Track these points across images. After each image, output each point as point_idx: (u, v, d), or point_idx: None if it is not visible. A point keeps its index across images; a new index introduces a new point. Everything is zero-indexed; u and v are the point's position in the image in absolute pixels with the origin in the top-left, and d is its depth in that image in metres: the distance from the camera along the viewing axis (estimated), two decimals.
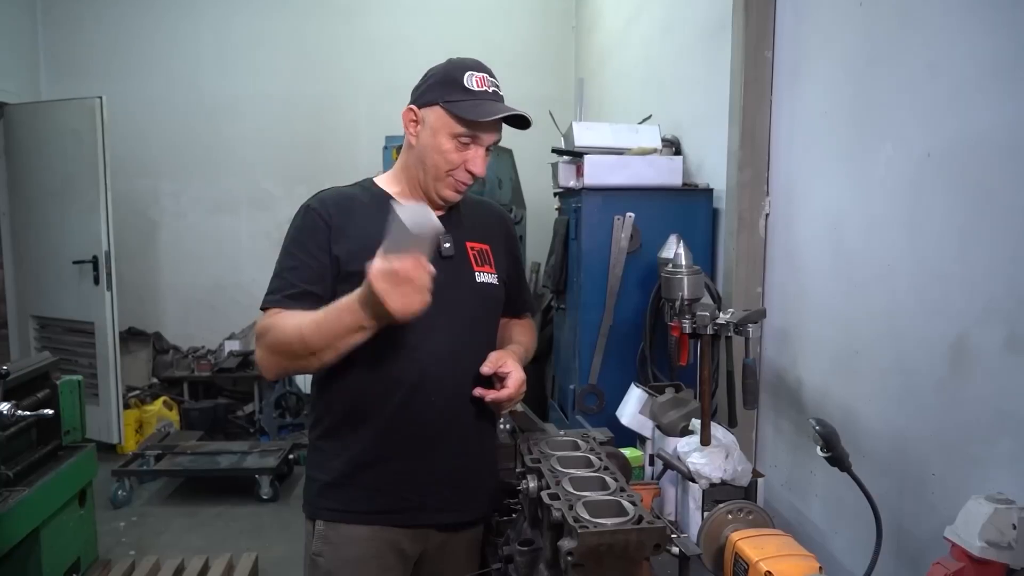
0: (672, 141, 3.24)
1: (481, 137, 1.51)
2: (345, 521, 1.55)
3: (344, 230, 1.52)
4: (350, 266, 1.48)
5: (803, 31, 2.33)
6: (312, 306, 1.44)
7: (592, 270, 2.87)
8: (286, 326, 1.43)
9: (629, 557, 1.20)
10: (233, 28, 5.63)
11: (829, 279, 2.16)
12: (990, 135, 1.53)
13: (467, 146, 1.51)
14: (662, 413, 2.04)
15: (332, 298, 1.44)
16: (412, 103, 1.55)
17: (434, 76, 1.54)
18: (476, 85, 1.50)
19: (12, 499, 2.55)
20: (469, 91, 1.49)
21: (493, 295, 1.64)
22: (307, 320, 1.40)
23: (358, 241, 1.49)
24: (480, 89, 1.50)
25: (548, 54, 5.80)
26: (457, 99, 1.49)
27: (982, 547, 1.23)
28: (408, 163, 1.58)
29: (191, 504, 4.16)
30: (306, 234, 1.52)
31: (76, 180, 4.67)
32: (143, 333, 5.65)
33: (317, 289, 1.48)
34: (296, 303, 1.46)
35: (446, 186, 1.54)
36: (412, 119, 1.54)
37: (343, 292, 1.45)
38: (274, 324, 1.45)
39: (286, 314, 1.45)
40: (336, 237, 1.51)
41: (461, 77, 1.50)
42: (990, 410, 1.52)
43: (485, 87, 1.51)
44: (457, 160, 1.51)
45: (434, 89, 1.51)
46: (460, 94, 1.49)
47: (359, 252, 1.47)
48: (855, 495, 1.50)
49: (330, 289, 1.49)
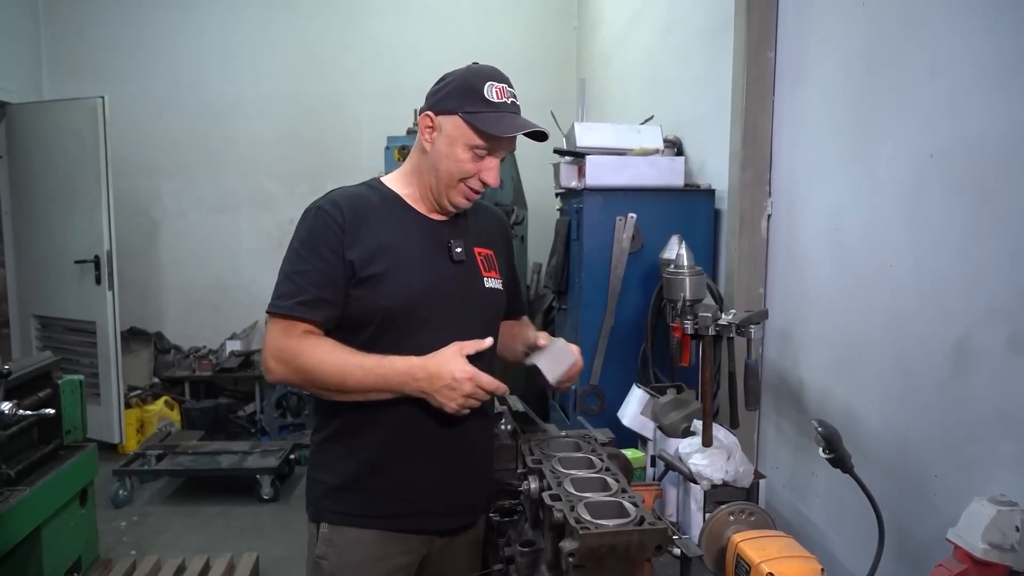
0: (674, 142, 3.24)
1: (498, 150, 1.51)
2: (350, 525, 1.54)
3: (358, 233, 1.49)
4: (365, 270, 1.47)
5: (805, 32, 2.33)
6: (326, 314, 1.45)
7: (593, 271, 2.87)
8: (325, 360, 1.42)
9: (630, 558, 1.20)
10: (235, 28, 5.63)
11: (831, 280, 2.15)
12: (992, 136, 1.52)
13: (483, 158, 1.50)
14: (663, 414, 2.04)
15: (344, 303, 1.46)
16: (429, 109, 1.51)
17: (453, 83, 1.51)
18: (496, 96, 1.48)
19: (13, 498, 2.55)
20: (489, 103, 1.47)
21: (499, 301, 1.64)
22: (351, 364, 1.42)
23: (372, 244, 1.49)
24: (500, 101, 1.48)
25: (550, 54, 5.79)
26: (477, 110, 1.46)
27: (985, 549, 1.23)
28: (421, 168, 1.55)
29: (192, 504, 4.16)
30: (318, 236, 1.48)
31: (78, 180, 4.67)
32: (144, 333, 5.65)
33: (330, 295, 1.46)
34: (310, 311, 1.44)
35: (458, 193, 1.53)
36: (428, 125, 1.51)
37: (356, 296, 1.46)
38: (308, 352, 1.43)
39: (323, 344, 1.44)
40: (350, 241, 1.47)
41: (481, 87, 1.47)
42: (992, 411, 1.52)
43: (505, 98, 1.49)
44: (472, 170, 1.50)
45: (453, 97, 1.49)
46: (480, 105, 1.46)
47: (373, 255, 1.48)
48: (857, 496, 1.50)
49: (341, 295, 1.47)
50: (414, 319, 1.49)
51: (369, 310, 1.48)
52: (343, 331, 1.50)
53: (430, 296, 1.51)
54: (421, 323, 1.50)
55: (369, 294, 1.47)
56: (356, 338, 1.49)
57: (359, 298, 1.48)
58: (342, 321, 1.49)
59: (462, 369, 1.40)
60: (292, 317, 1.45)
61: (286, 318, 1.46)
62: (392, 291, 1.47)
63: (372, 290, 1.47)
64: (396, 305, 1.48)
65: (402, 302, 1.48)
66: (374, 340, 1.49)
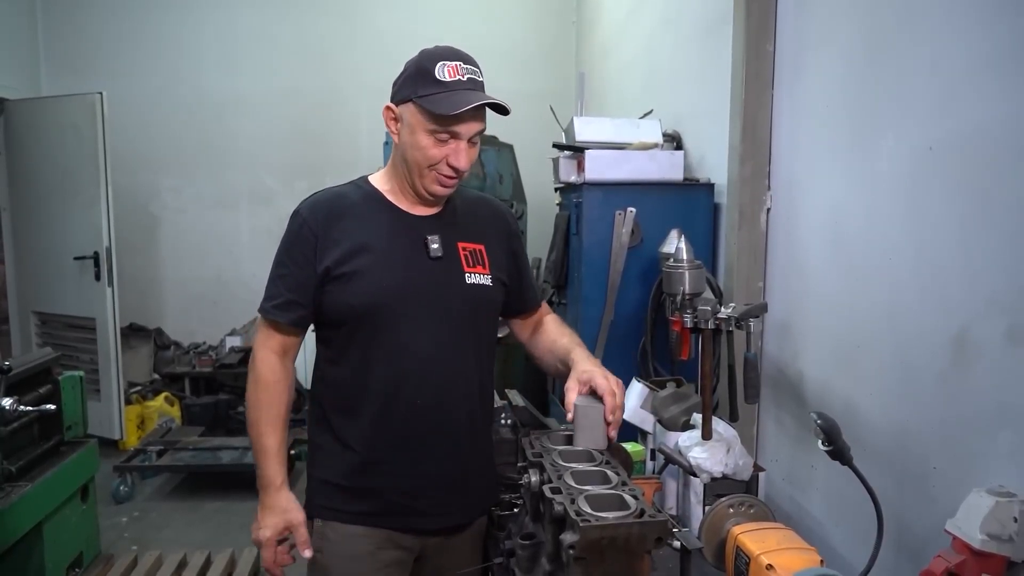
0: (673, 136, 3.24)
1: (458, 130, 1.45)
2: (341, 520, 1.55)
3: (332, 236, 1.51)
4: (339, 268, 1.49)
5: (804, 24, 2.32)
6: (296, 314, 1.54)
7: (593, 265, 2.87)
8: (255, 406, 1.58)
9: (631, 550, 1.20)
10: (235, 23, 5.61)
11: (830, 273, 2.16)
12: (991, 128, 1.52)
13: (446, 141, 1.46)
14: (663, 408, 2.04)
15: (315, 305, 1.53)
16: (391, 100, 1.51)
17: (408, 70, 1.48)
18: (448, 75, 1.42)
19: (15, 494, 2.55)
20: (441, 83, 1.42)
21: (485, 296, 1.60)
22: (254, 430, 1.58)
23: (347, 243, 1.50)
24: (453, 79, 1.42)
25: (549, 49, 5.78)
26: (429, 93, 1.42)
27: (983, 540, 1.24)
28: (395, 161, 1.56)
29: (193, 499, 4.16)
30: (293, 242, 1.54)
31: (77, 176, 4.66)
32: (144, 329, 5.65)
33: (299, 298, 1.52)
34: (283, 313, 1.54)
35: (431, 181, 1.50)
36: (391, 117, 1.51)
37: (330, 294, 1.51)
38: (255, 390, 1.59)
39: (269, 392, 1.58)
40: (323, 246, 1.50)
41: (433, 68, 1.43)
42: (991, 403, 1.52)
43: (458, 76, 1.43)
44: (438, 155, 1.46)
45: (408, 84, 1.46)
46: (432, 87, 1.42)
47: (348, 254, 1.50)
48: (856, 488, 1.50)
49: (311, 298, 1.53)
50: (389, 316, 1.50)
51: (342, 308, 1.51)
52: (324, 327, 1.58)
53: (403, 293, 1.51)
54: (396, 319, 1.50)
55: (342, 292, 1.50)
56: (336, 333, 1.56)
57: (333, 296, 1.51)
58: (320, 318, 1.56)
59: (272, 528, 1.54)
60: (266, 318, 1.56)
61: (265, 320, 1.57)
62: (364, 289, 1.49)
63: (344, 288, 1.50)
64: (368, 302, 1.49)
65: (374, 299, 1.49)
66: (351, 336, 1.53)
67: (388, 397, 1.51)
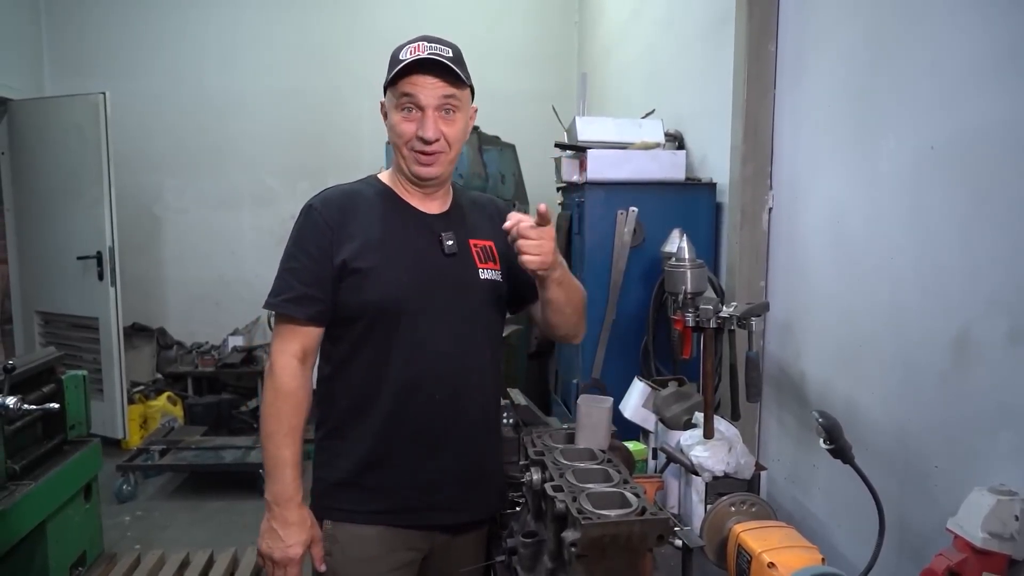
0: (675, 135, 3.24)
1: (415, 94, 1.46)
2: (351, 521, 1.54)
3: (347, 231, 1.51)
4: (355, 263, 1.48)
5: (806, 25, 2.33)
6: (312, 309, 1.48)
7: (595, 264, 2.87)
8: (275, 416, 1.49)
9: (632, 548, 1.21)
10: (238, 23, 5.62)
11: (832, 272, 2.16)
12: (993, 128, 1.52)
13: (411, 111, 1.48)
14: (665, 406, 2.04)
15: (333, 299, 1.48)
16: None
17: (389, 64, 1.52)
18: (410, 54, 1.45)
19: (18, 493, 2.56)
20: (402, 61, 1.46)
21: (497, 291, 1.62)
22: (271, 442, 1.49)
23: (362, 239, 1.50)
24: (413, 57, 1.45)
25: (551, 49, 5.78)
26: (392, 72, 1.47)
27: (984, 538, 1.24)
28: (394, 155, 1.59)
29: (195, 499, 4.17)
30: (307, 235, 1.51)
31: (80, 176, 4.68)
32: (147, 328, 5.66)
33: (316, 292, 1.49)
34: (296, 307, 1.49)
35: (412, 161, 1.52)
36: (383, 112, 1.56)
37: (347, 291, 1.48)
38: (275, 399, 1.49)
39: (289, 402, 1.49)
40: (339, 239, 1.49)
41: (399, 53, 1.48)
42: (993, 402, 1.52)
43: (419, 53, 1.45)
44: (409, 131, 1.48)
45: (387, 76, 1.50)
46: (395, 67, 1.47)
47: (364, 250, 1.49)
48: (858, 487, 1.50)
49: (330, 291, 1.49)
50: (406, 312, 1.50)
51: (359, 304, 1.50)
52: (338, 325, 1.53)
53: (421, 289, 1.51)
54: (414, 316, 1.50)
55: (359, 288, 1.49)
56: (348, 331, 1.53)
57: (350, 292, 1.49)
58: (336, 315, 1.52)
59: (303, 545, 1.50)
60: (282, 319, 1.51)
61: (281, 322, 1.51)
62: (381, 285, 1.48)
63: (361, 284, 1.48)
64: (385, 299, 1.49)
65: (392, 296, 1.49)
66: (366, 333, 1.51)
67: (405, 393, 1.51)
